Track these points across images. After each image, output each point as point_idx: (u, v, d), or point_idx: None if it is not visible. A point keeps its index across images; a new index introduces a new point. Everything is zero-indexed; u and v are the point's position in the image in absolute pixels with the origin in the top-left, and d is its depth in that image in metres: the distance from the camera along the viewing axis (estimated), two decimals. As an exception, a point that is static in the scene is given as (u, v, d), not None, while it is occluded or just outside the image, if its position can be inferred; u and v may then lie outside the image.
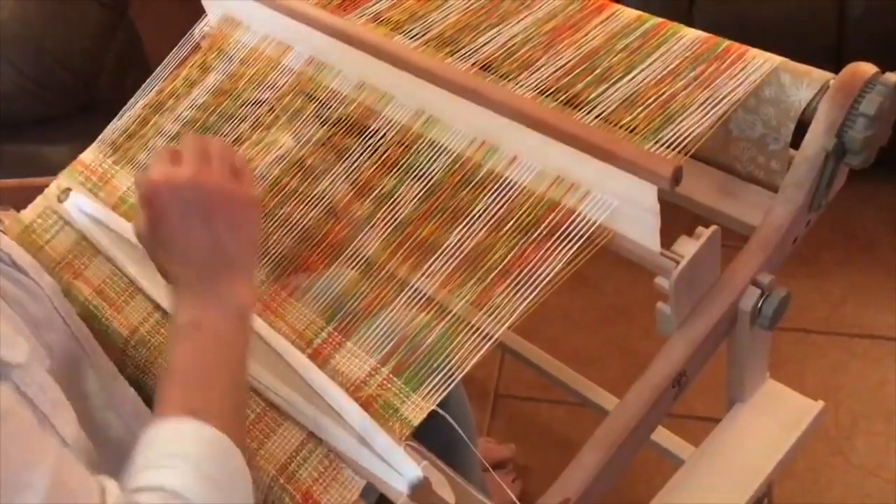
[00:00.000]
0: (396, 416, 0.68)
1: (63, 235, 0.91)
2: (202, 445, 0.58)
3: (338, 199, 0.83)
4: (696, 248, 0.69)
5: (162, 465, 0.56)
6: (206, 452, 0.58)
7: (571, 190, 0.74)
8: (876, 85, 0.71)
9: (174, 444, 0.57)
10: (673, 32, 0.80)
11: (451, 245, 0.75)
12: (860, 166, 0.74)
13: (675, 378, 0.71)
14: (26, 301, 0.69)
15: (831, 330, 1.57)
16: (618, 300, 1.66)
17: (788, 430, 0.87)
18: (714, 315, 0.73)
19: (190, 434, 0.58)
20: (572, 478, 0.68)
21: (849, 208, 1.71)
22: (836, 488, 1.36)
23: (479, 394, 1.55)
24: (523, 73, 0.80)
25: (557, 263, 0.70)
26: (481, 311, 0.71)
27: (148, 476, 0.56)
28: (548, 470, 0.70)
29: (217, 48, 1.00)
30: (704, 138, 0.70)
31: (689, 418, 1.21)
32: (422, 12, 0.88)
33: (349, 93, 0.88)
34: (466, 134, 0.80)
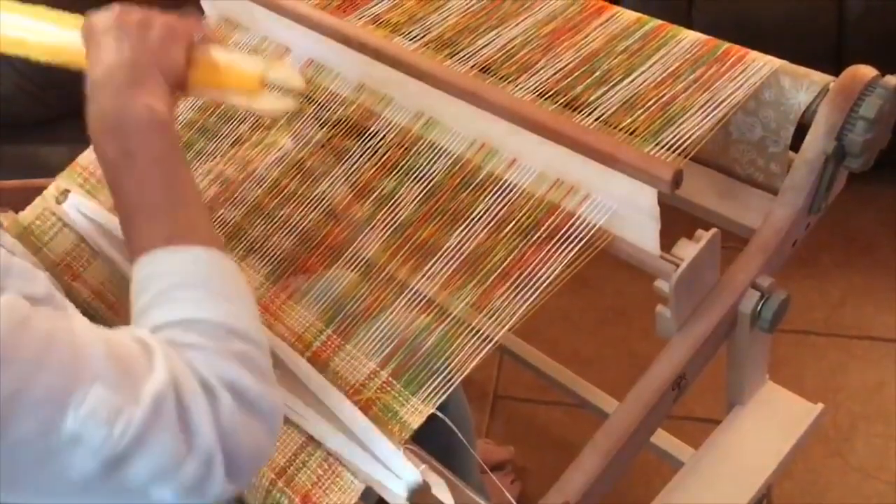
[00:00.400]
0: (396, 420, 0.68)
1: (62, 237, 0.91)
2: (197, 268, 0.59)
3: (337, 201, 0.82)
4: (695, 250, 0.69)
5: (173, 298, 0.57)
6: (203, 273, 0.59)
7: (571, 193, 0.73)
8: (876, 88, 0.71)
9: (169, 276, 0.58)
10: (673, 35, 0.80)
11: (451, 247, 0.75)
12: (860, 169, 0.74)
13: (675, 381, 0.71)
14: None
15: (830, 332, 1.57)
16: (617, 302, 1.66)
17: (787, 432, 0.87)
18: (714, 318, 0.73)
19: (181, 262, 0.59)
20: (572, 480, 0.68)
21: (848, 211, 1.71)
22: (834, 490, 1.35)
23: (477, 395, 1.54)
24: (523, 76, 0.79)
25: (557, 266, 0.70)
26: (481, 314, 0.71)
27: (161, 313, 0.57)
28: (546, 471, 0.70)
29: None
30: (704, 141, 0.70)
31: (689, 420, 1.21)
32: (421, 14, 0.88)
33: (348, 94, 0.88)
34: (466, 136, 0.80)
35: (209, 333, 0.56)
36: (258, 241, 0.83)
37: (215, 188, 0.89)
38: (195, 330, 0.56)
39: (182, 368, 0.53)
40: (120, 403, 0.49)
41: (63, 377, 0.49)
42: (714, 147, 0.81)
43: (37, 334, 0.49)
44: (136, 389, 0.51)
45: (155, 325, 0.56)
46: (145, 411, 0.50)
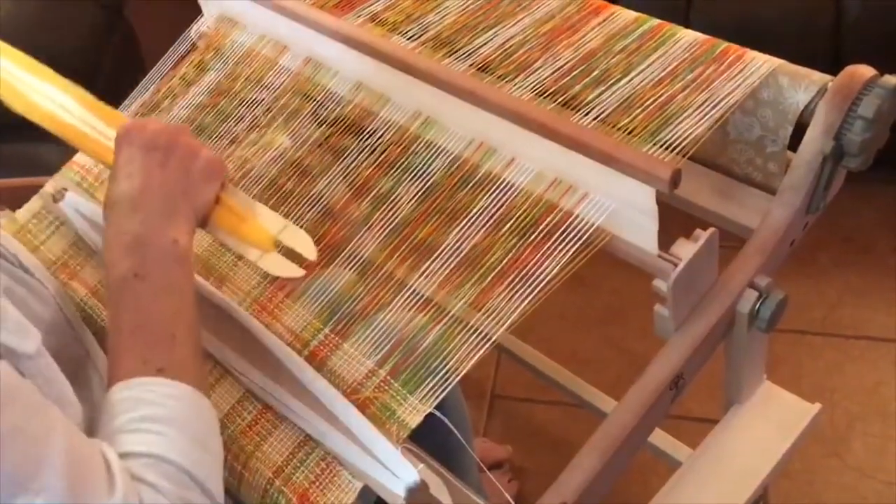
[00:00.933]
0: (393, 419, 0.68)
1: (58, 236, 0.91)
2: (180, 407, 0.59)
3: (335, 200, 0.82)
4: (693, 250, 0.69)
5: (145, 429, 0.57)
6: (184, 414, 0.58)
7: (569, 192, 0.73)
8: (874, 87, 0.71)
9: (150, 406, 0.58)
10: (671, 34, 0.80)
11: (449, 246, 0.74)
12: (858, 169, 0.74)
13: (673, 380, 0.71)
14: (32, 302, 0.69)
15: (828, 331, 1.57)
16: (615, 301, 1.66)
17: (785, 431, 0.87)
18: (712, 317, 0.73)
19: (166, 396, 0.59)
20: (570, 480, 0.68)
21: (846, 210, 1.71)
22: (831, 490, 1.36)
23: (475, 394, 1.55)
24: (521, 75, 0.79)
25: (555, 265, 0.70)
26: (479, 313, 0.71)
27: (132, 440, 0.56)
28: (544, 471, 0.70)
29: (214, 48, 0.99)
30: (702, 140, 0.70)
31: (687, 420, 1.21)
32: (419, 13, 0.88)
33: (346, 93, 0.88)
34: (464, 135, 0.80)
35: (172, 478, 0.55)
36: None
37: (213, 187, 0.89)
38: (160, 470, 0.55)
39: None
40: None
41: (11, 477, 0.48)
42: (712, 146, 0.81)
43: (8, 418, 0.48)
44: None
45: (124, 452, 0.56)
46: None
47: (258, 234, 0.71)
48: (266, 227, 0.71)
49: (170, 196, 0.66)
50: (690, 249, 0.69)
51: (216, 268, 0.83)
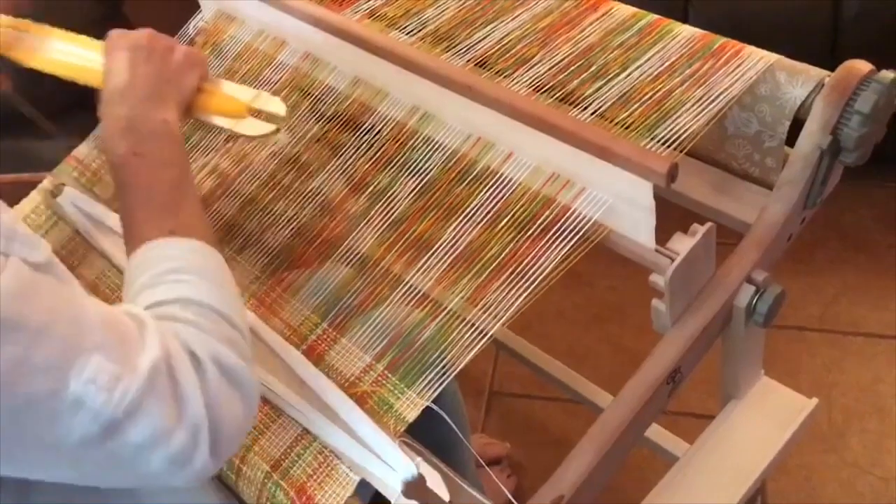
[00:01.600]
0: (391, 413, 0.68)
1: (57, 231, 0.91)
2: (195, 257, 0.64)
3: (333, 196, 0.82)
4: (690, 245, 0.69)
5: (169, 280, 0.61)
6: (201, 262, 0.63)
7: (567, 187, 0.74)
8: (871, 83, 0.71)
9: (170, 261, 0.62)
10: (669, 30, 0.80)
11: (447, 241, 0.75)
12: (855, 164, 0.75)
13: (670, 375, 0.71)
14: None
15: (825, 327, 1.57)
16: (612, 297, 1.66)
17: (782, 427, 0.87)
18: (709, 312, 0.73)
19: (182, 250, 0.64)
20: (566, 475, 0.68)
21: (843, 206, 1.71)
22: (829, 486, 1.36)
23: (473, 391, 1.55)
24: (519, 70, 0.79)
25: (552, 260, 0.70)
26: (476, 308, 0.71)
27: (160, 291, 0.60)
28: (542, 466, 0.70)
29: (212, 43, 0.99)
30: (700, 135, 0.70)
31: (684, 415, 1.21)
32: (417, 8, 0.88)
33: (344, 89, 0.88)
34: (462, 130, 0.80)
35: (204, 315, 0.59)
36: (254, 235, 0.83)
37: (211, 182, 0.89)
38: (191, 309, 0.59)
39: (174, 343, 0.56)
40: (118, 372, 0.52)
41: (66, 345, 0.51)
42: (710, 142, 0.81)
43: (41, 302, 0.51)
44: (133, 360, 0.53)
45: (153, 302, 0.60)
46: (141, 381, 0.52)
47: (233, 105, 0.78)
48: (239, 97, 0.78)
49: (155, 84, 0.72)
50: (687, 244, 0.69)
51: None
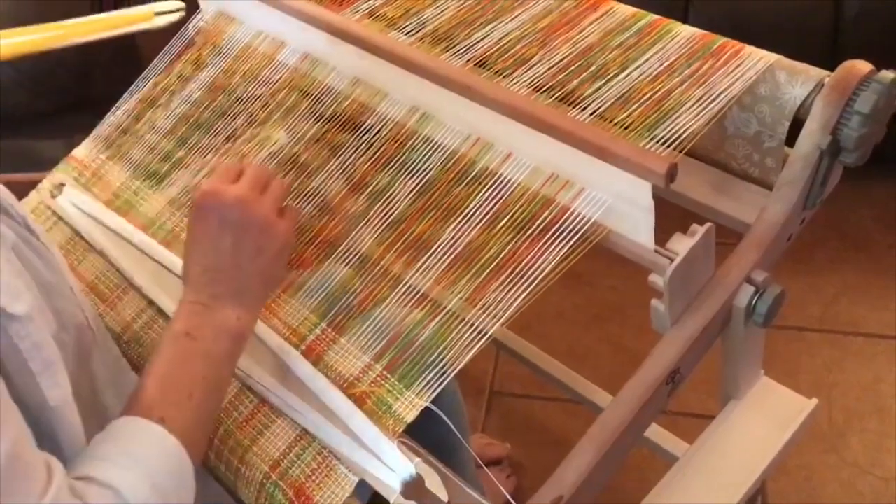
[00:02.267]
0: (390, 413, 0.68)
1: (56, 231, 0.91)
2: (161, 456, 0.60)
3: (332, 196, 0.82)
4: (690, 245, 0.69)
5: (118, 462, 0.58)
6: (163, 464, 0.60)
7: (566, 187, 0.73)
8: (871, 83, 0.71)
9: (137, 445, 0.60)
10: (668, 30, 0.80)
11: (446, 242, 0.74)
12: (855, 164, 0.74)
13: (669, 375, 0.71)
14: (38, 264, 0.68)
15: (825, 328, 1.57)
16: (612, 297, 1.66)
17: (782, 427, 0.87)
18: (708, 312, 0.73)
19: (154, 441, 0.60)
20: (565, 475, 0.68)
21: (843, 206, 1.71)
22: (829, 486, 1.36)
23: (474, 391, 1.55)
24: (518, 70, 0.79)
25: (552, 260, 0.70)
26: (475, 308, 0.71)
27: (102, 468, 0.57)
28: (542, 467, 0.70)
29: (211, 43, 0.99)
30: (699, 135, 0.70)
31: (683, 415, 1.21)
32: (417, 8, 0.88)
33: (343, 89, 0.88)
34: (461, 130, 0.80)
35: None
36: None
37: (210, 182, 0.89)
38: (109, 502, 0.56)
39: None
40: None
41: None
42: (710, 142, 0.81)
43: None
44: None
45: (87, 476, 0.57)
46: None
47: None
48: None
49: (242, 277, 0.69)
50: (687, 244, 0.69)
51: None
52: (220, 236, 0.69)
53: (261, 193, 0.71)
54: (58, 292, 0.69)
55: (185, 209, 0.87)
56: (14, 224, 0.68)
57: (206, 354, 0.66)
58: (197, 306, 0.67)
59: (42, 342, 0.60)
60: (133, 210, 0.90)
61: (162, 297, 0.81)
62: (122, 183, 0.93)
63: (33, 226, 0.70)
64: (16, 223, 0.68)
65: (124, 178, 0.93)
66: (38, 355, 0.59)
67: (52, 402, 0.60)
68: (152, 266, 0.84)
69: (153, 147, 0.94)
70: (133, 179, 0.93)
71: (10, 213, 0.68)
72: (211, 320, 0.67)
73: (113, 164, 0.95)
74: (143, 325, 0.81)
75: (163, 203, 0.89)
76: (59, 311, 0.68)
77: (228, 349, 0.67)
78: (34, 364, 0.59)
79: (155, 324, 0.81)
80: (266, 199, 0.71)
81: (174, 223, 0.87)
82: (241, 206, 0.69)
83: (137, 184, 0.92)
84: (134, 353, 0.81)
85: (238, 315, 0.68)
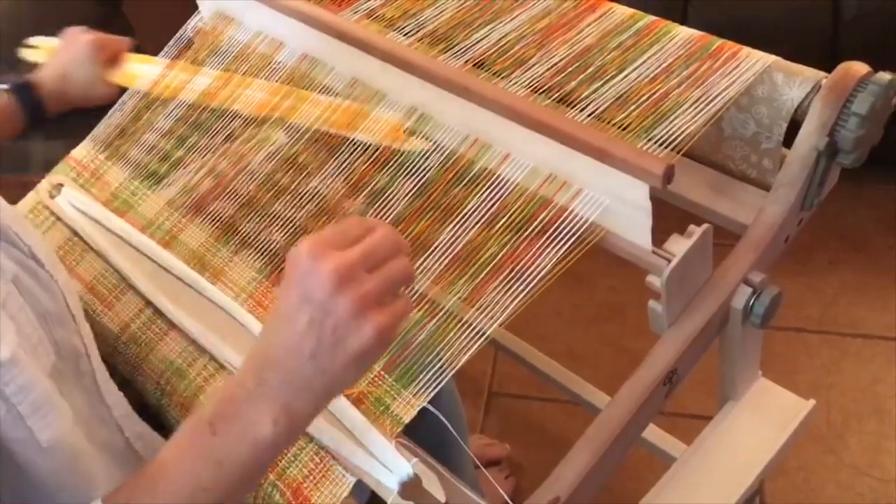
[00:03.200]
0: (387, 413, 0.68)
1: (55, 231, 0.91)
2: None
3: (330, 196, 0.82)
4: (687, 246, 0.69)
5: None
6: None
7: (564, 187, 0.74)
8: (868, 84, 0.71)
9: None
10: (666, 31, 0.80)
11: (444, 242, 0.75)
12: (852, 165, 0.75)
13: (666, 376, 0.71)
14: (40, 294, 0.68)
15: (823, 329, 1.57)
16: (611, 298, 1.66)
17: (780, 428, 0.87)
18: (706, 313, 0.73)
19: None
20: (563, 476, 0.68)
21: (841, 207, 1.71)
22: (828, 487, 1.36)
23: (472, 392, 1.55)
24: (517, 71, 0.79)
25: (549, 261, 0.70)
26: (473, 308, 0.71)
27: None
28: (541, 467, 0.70)
29: (210, 44, 0.99)
30: (697, 137, 0.70)
31: (681, 416, 1.21)
32: (416, 9, 0.88)
33: (342, 90, 0.88)
34: (459, 131, 0.80)
35: None
36: (251, 235, 0.83)
37: (209, 182, 0.89)
38: None
39: None
40: None
41: None
42: (707, 143, 0.81)
43: None
44: None
45: None
46: None
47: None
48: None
49: (304, 370, 0.54)
50: (684, 245, 0.69)
51: (211, 263, 0.83)
52: (297, 311, 0.53)
53: (370, 271, 0.54)
54: (59, 321, 0.69)
55: (184, 210, 0.88)
56: (18, 254, 0.67)
57: (219, 463, 0.54)
58: (239, 390, 0.55)
59: (29, 384, 0.59)
60: (131, 210, 0.90)
61: (160, 298, 0.81)
62: (121, 183, 0.93)
63: (40, 254, 0.69)
64: (20, 253, 0.68)
65: (123, 178, 0.93)
66: (25, 398, 0.58)
67: (44, 443, 0.60)
68: (150, 266, 0.84)
69: (152, 147, 0.94)
70: (131, 180, 0.93)
71: (16, 243, 0.67)
72: (243, 415, 0.54)
73: (111, 164, 0.95)
74: (141, 325, 0.81)
75: (161, 203, 0.89)
76: (59, 342, 0.68)
77: (247, 462, 0.54)
78: (22, 408, 0.58)
79: (153, 324, 0.81)
80: (372, 281, 0.53)
81: (172, 223, 0.87)
82: (335, 283, 0.52)
83: (136, 184, 0.92)
84: (131, 352, 0.81)
85: (276, 419, 0.54)
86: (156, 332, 0.80)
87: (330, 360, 0.53)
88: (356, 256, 0.54)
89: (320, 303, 0.52)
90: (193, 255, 0.84)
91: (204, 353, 0.77)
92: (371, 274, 0.54)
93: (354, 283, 0.53)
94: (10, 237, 0.67)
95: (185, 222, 0.86)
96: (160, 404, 0.78)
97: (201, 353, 0.77)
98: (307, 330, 0.53)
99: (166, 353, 0.79)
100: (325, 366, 0.53)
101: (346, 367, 0.53)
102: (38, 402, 0.60)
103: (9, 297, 0.63)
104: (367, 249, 0.54)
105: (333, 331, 0.53)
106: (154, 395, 0.79)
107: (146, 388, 0.79)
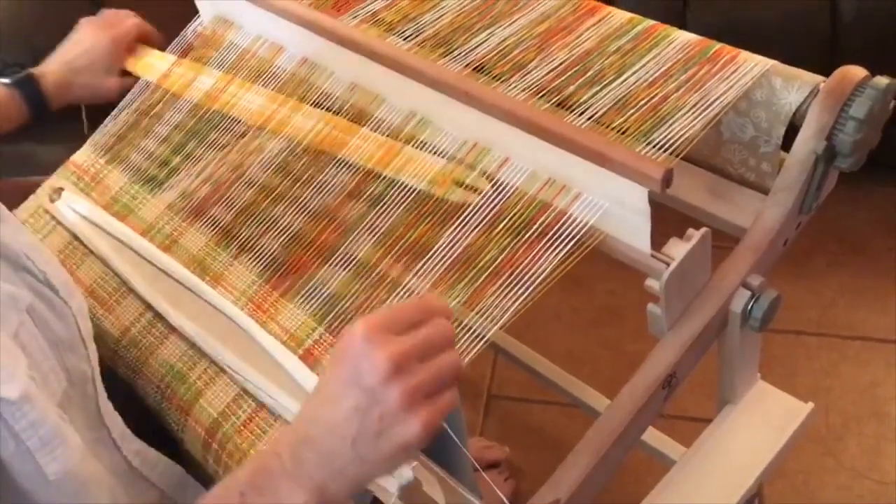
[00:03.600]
0: (387, 417, 0.68)
1: (55, 235, 0.91)
2: None
3: (329, 200, 0.83)
4: (686, 249, 0.69)
5: None
6: None
7: (563, 191, 0.74)
8: (866, 88, 0.71)
9: None
10: (665, 35, 0.80)
11: (443, 246, 0.75)
12: (850, 169, 0.75)
13: (666, 379, 0.72)
14: (54, 323, 0.68)
15: (822, 331, 1.57)
16: (610, 301, 1.66)
17: (779, 431, 0.87)
18: (705, 316, 0.73)
19: None
20: (562, 479, 0.68)
21: (839, 210, 1.71)
22: (827, 489, 1.36)
23: (472, 394, 1.55)
24: (516, 75, 0.80)
25: (549, 264, 0.70)
26: (473, 312, 0.71)
27: None
28: (540, 470, 0.70)
29: (210, 49, 1.00)
30: (696, 140, 0.71)
31: (680, 419, 1.21)
32: (415, 13, 0.89)
33: (341, 94, 0.88)
34: (458, 135, 0.80)
35: None
36: (250, 241, 0.83)
37: (207, 188, 0.89)
38: None
39: None
40: None
41: None
42: (706, 147, 0.81)
43: None
44: None
45: None
46: None
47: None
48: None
49: (342, 455, 0.53)
50: (683, 249, 0.70)
51: (211, 267, 0.83)
52: (344, 393, 0.53)
53: (423, 361, 0.53)
54: (70, 348, 0.69)
55: (184, 214, 0.88)
56: (33, 281, 0.68)
57: None
58: (275, 462, 0.54)
59: (40, 420, 0.59)
60: (132, 214, 0.90)
61: (160, 301, 0.81)
62: (121, 187, 0.93)
63: (54, 280, 0.69)
64: (36, 280, 0.68)
65: (123, 182, 0.93)
66: (34, 434, 0.59)
67: (51, 476, 0.60)
68: (151, 270, 0.85)
69: (152, 152, 0.95)
70: (132, 184, 0.93)
71: (31, 270, 0.67)
72: (275, 489, 0.53)
73: (112, 168, 0.95)
74: (142, 329, 0.81)
75: (161, 208, 0.89)
76: (70, 369, 0.68)
77: None
78: (31, 443, 0.59)
79: (153, 328, 0.81)
80: (424, 373, 0.53)
81: (172, 227, 0.87)
82: (388, 371, 0.52)
83: (136, 188, 0.92)
84: (131, 356, 0.81)
85: (307, 500, 0.53)
86: (156, 336, 0.80)
87: (371, 449, 0.52)
88: (412, 346, 0.53)
89: (370, 389, 0.52)
90: (193, 259, 0.84)
91: (204, 356, 0.77)
92: (423, 364, 0.53)
93: (407, 374, 0.52)
94: (25, 264, 0.67)
95: (185, 226, 0.86)
96: (160, 408, 0.78)
97: (201, 356, 0.78)
98: (352, 414, 0.52)
99: (166, 357, 0.79)
100: (365, 454, 0.53)
101: (385, 458, 0.53)
102: (46, 437, 0.60)
103: (22, 327, 0.63)
104: (424, 341, 0.53)
105: (380, 420, 0.52)
106: (154, 399, 0.79)
107: (146, 391, 0.80)
